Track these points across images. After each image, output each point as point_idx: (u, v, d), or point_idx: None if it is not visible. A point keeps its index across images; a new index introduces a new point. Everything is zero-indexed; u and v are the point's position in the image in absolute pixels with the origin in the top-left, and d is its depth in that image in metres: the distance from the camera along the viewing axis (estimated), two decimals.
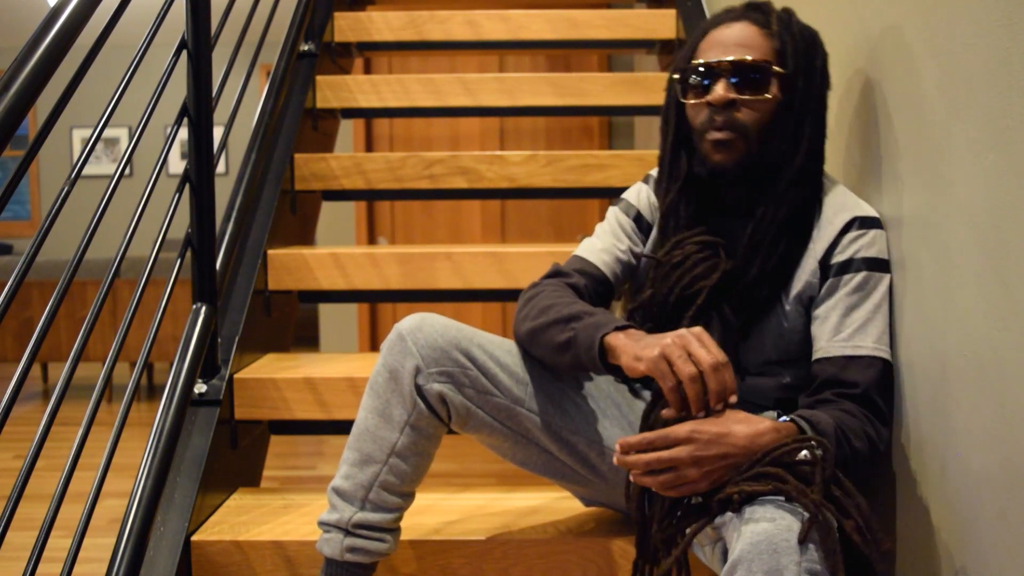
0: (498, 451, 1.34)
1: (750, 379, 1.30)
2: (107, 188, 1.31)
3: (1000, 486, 1.01)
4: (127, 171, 7.09)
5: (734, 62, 1.22)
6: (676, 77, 1.30)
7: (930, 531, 1.18)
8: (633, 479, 1.08)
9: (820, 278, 1.25)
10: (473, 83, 2.55)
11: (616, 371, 1.16)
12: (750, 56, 1.22)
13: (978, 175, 1.03)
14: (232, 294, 1.85)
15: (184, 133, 1.68)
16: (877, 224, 1.26)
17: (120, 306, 4.65)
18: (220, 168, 6.95)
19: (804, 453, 1.04)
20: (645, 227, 1.40)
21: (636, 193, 1.42)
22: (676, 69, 1.31)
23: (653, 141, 4.02)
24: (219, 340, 1.69)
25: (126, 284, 4.71)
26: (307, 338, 6.39)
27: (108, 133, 7.17)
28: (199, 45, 1.55)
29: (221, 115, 6.66)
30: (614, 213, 1.42)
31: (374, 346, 4.86)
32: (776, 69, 1.23)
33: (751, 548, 0.95)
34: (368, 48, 2.84)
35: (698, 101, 1.26)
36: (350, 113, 2.64)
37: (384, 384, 1.25)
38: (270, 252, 1.99)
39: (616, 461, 1.08)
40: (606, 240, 1.39)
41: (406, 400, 1.24)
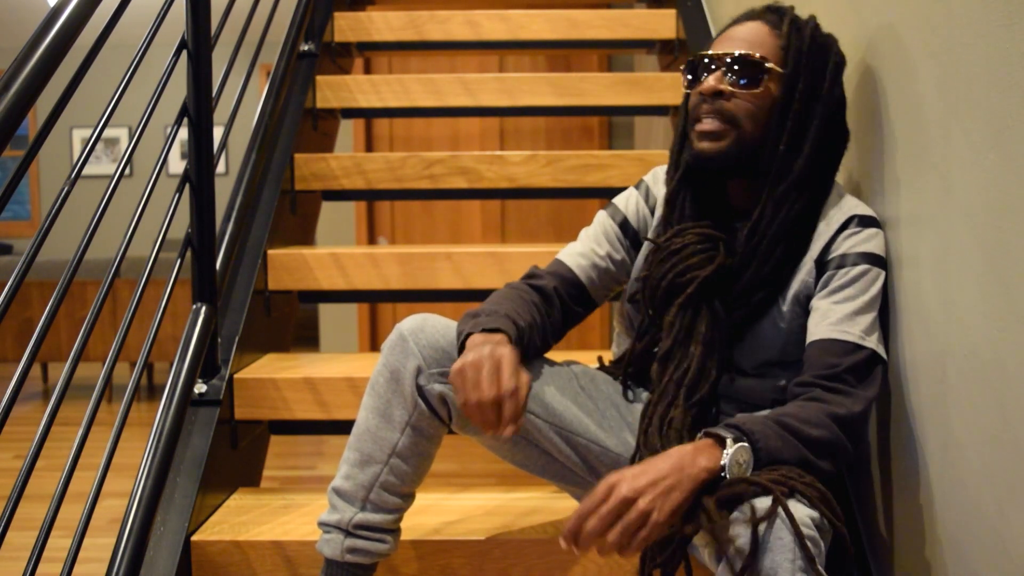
0: (498, 452, 1.34)
1: (746, 380, 1.29)
2: (107, 188, 1.31)
3: (1000, 486, 1.01)
4: (127, 171, 7.09)
5: (730, 54, 1.24)
6: (681, 68, 1.32)
7: (929, 531, 1.18)
8: (603, 554, 1.03)
9: (816, 276, 1.25)
10: (473, 83, 2.55)
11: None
12: (748, 51, 1.24)
13: (978, 175, 1.03)
14: (232, 294, 1.85)
15: (184, 133, 1.68)
16: (875, 223, 1.26)
17: (120, 306, 4.65)
18: (220, 168, 6.95)
19: (728, 464, 1.03)
20: (630, 233, 1.40)
21: (625, 199, 1.43)
22: (685, 61, 1.33)
23: (653, 141, 4.02)
24: (219, 340, 1.69)
25: (126, 284, 4.71)
26: (307, 338, 6.40)
27: (108, 133, 7.17)
28: (199, 45, 1.55)
29: (221, 115, 6.66)
30: (601, 217, 1.43)
31: (374, 346, 4.86)
32: (771, 66, 1.23)
33: (744, 547, 0.95)
34: (368, 48, 2.84)
35: (693, 91, 1.29)
36: (350, 113, 2.64)
37: (385, 384, 1.25)
38: (270, 252, 1.99)
39: (576, 551, 1.04)
40: (586, 245, 1.40)
41: (407, 400, 1.24)
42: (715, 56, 1.25)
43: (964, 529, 1.09)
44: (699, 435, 1.09)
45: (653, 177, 1.43)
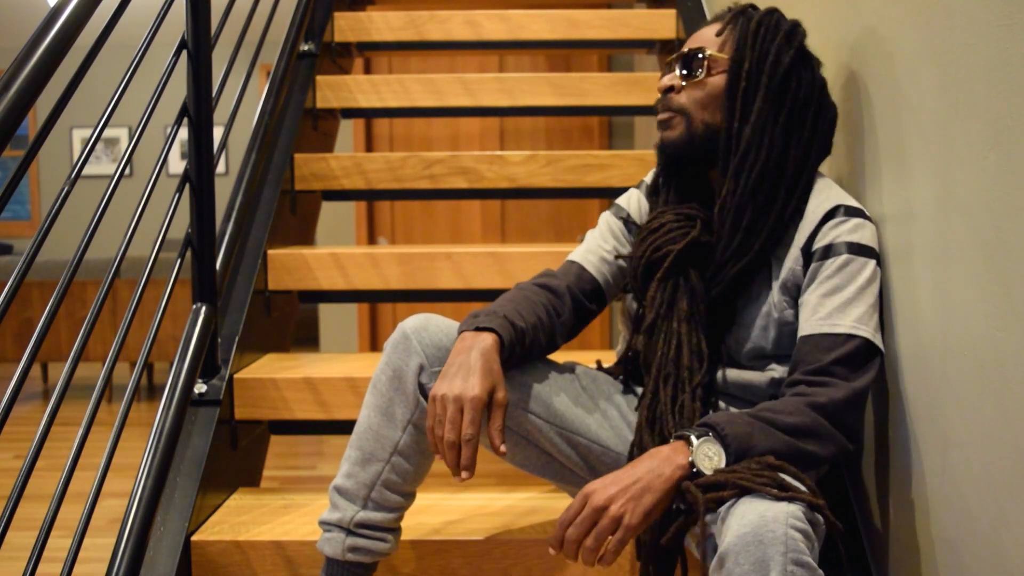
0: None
1: (740, 372, 1.30)
2: (107, 188, 1.31)
3: (1000, 486, 1.01)
4: (127, 171, 7.09)
5: (679, 53, 1.33)
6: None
7: (929, 531, 1.18)
8: (587, 563, 1.06)
9: (803, 265, 1.26)
10: (473, 83, 2.55)
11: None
12: (692, 46, 1.32)
13: (978, 175, 1.03)
14: (232, 294, 1.85)
15: (184, 133, 1.68)
16: (862, 214, 1.26)
17: (120, 306, 4.65)
18: (220, 168, 6.95)
19: (697, 459, 1.05)
20: (634, 229, 1.43)
21: (627, 198, 1.46)
22: None
23: (653, 141, 4.02)
24: (219, 340, 1.69)
25: (126, 284, 4.71)
26: (307, 338, 6.40)
27: (108, 133, 7.17)
28: (199, 45, 1.55)
29: (221, 115, 6.66)
30: (605, 217, 1.46)
31: (374, 346, 4.86)
32: (711, 53, 1.30)
33: (738, 540, 0.95)
34: (368, 48, 2.84)
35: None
36: (350, 113, 2.64)
37: (387, 383, 1.25)
38: (270, 252, 1.99)
39: (562, 554, 1.07)
40: (593, 242, 1.43)
41: (409, 399, 1.24)
42: (671, 59, 1.35)
43: (964, 530, 1.09)
44: (672, 438, 1.11)
45: (653, 176, 1.44)
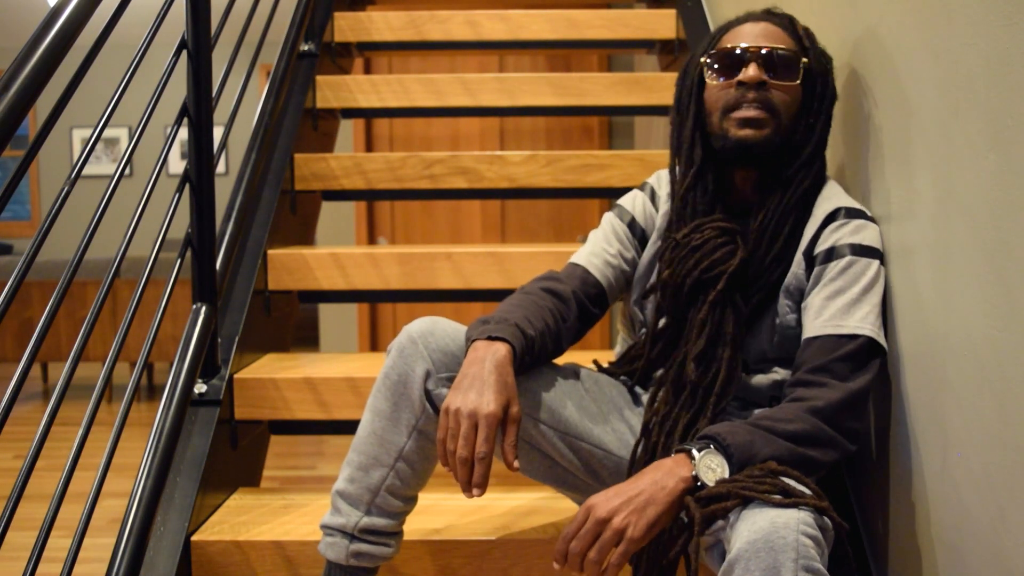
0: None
1: (748, 376, 1.30)
2: (107, 188, 1.31)
3: (1000, 486, 1.01)
4: (127, 171, 7.09)
5: (768, 48, 1.27)
6: (705, 60, 1.32)
7: (929, 531, 1.18)
8: (589, 575, 1.05)
9: (806, 269, 1.26)
10: (473, 83, 2.55)
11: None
12: (779, 45, 1.27)
13: (978, 175, 1.03)
14: (232, 294, 1.85)
15: (184, 133, 1.68)
16: (863, 215, 1.27)
17: (120, 306, 4.64)
18: (220, 168, 6.95)
19: (700, 471, 1.05)
20: (638, 233, 1.40)
21: (631, 200, 1.43)
22: (705, 53, 1.33)
23: (653, 141, 4.02)
24: (219, 340, 1.69)
25: (126, 284, 4.71)
26: (307, 338, 6.39)
27: (108, 133, 7.17)
28: (199, 45, 1.55)
29: (221, 115, 6.66)
30: (608, 218, 1.43)
31: (374, 346, 4.85)
32: (804, 60, 1.28)
33: (748, 547, 0.95)
34: (368, 48, 2.84)
35: (728, 82, 1.28)
36: (350, 113, 2.64)
37: (392, 388, 1.23)
38: (270, 252, 1.99)
39: (567, 567, 1.07)
40: (597, 245, 1.40)
41: (415, 404, 1.22)
42: (752, 49, 1.27)
43: (964, 530, 1.09)
44: (673, 451, 1.11)
45: (657, 179, 1.43)
